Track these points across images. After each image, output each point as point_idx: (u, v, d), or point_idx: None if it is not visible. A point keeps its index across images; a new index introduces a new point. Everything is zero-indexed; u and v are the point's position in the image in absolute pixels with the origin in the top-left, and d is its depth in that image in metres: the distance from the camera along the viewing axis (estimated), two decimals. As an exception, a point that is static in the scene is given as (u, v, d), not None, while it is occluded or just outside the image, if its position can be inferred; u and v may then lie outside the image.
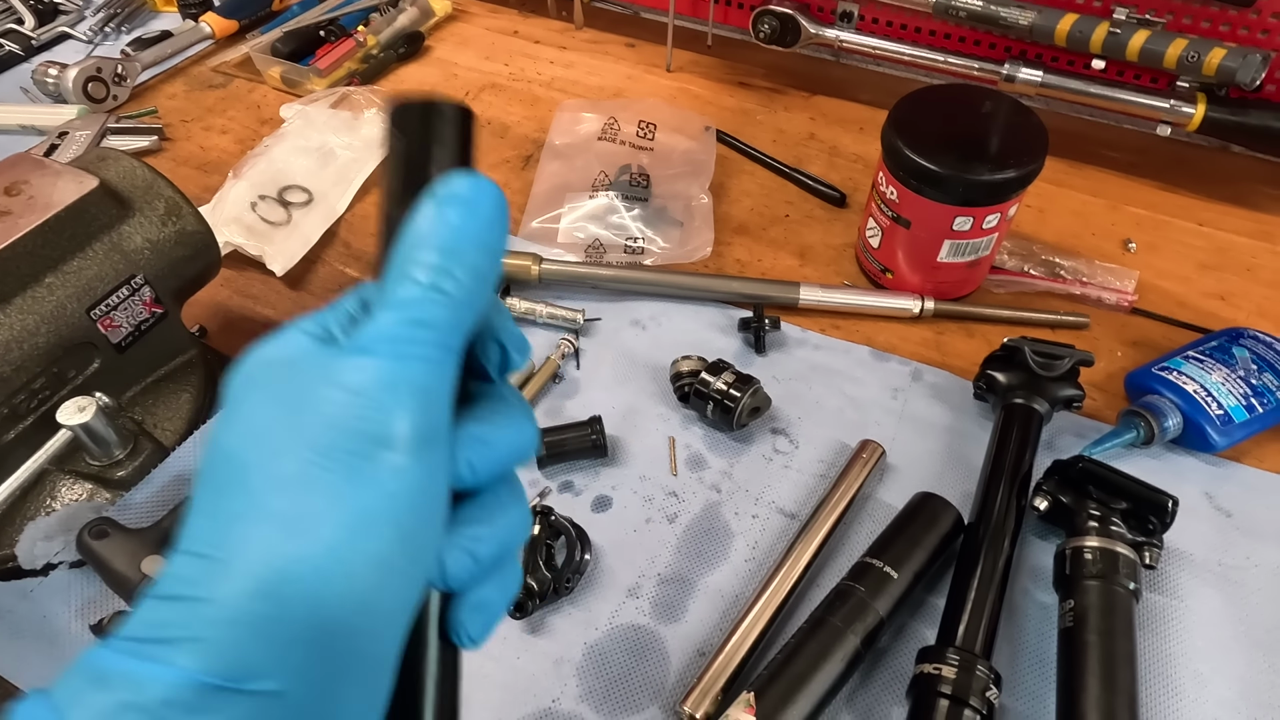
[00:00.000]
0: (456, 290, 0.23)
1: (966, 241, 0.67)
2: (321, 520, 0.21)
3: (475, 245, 0.24)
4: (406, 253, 0.23)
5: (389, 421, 0.22)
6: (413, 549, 0.22)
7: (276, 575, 0.20)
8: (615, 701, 0.50)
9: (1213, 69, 0.74)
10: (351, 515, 0.21)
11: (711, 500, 0.60)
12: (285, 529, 0.21)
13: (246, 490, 0.21)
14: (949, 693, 0.45)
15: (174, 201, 0.58)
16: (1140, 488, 0.53)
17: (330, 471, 0.21)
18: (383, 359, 0.22)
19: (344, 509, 0.21)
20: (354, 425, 0.21)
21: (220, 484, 0.22)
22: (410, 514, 0.22)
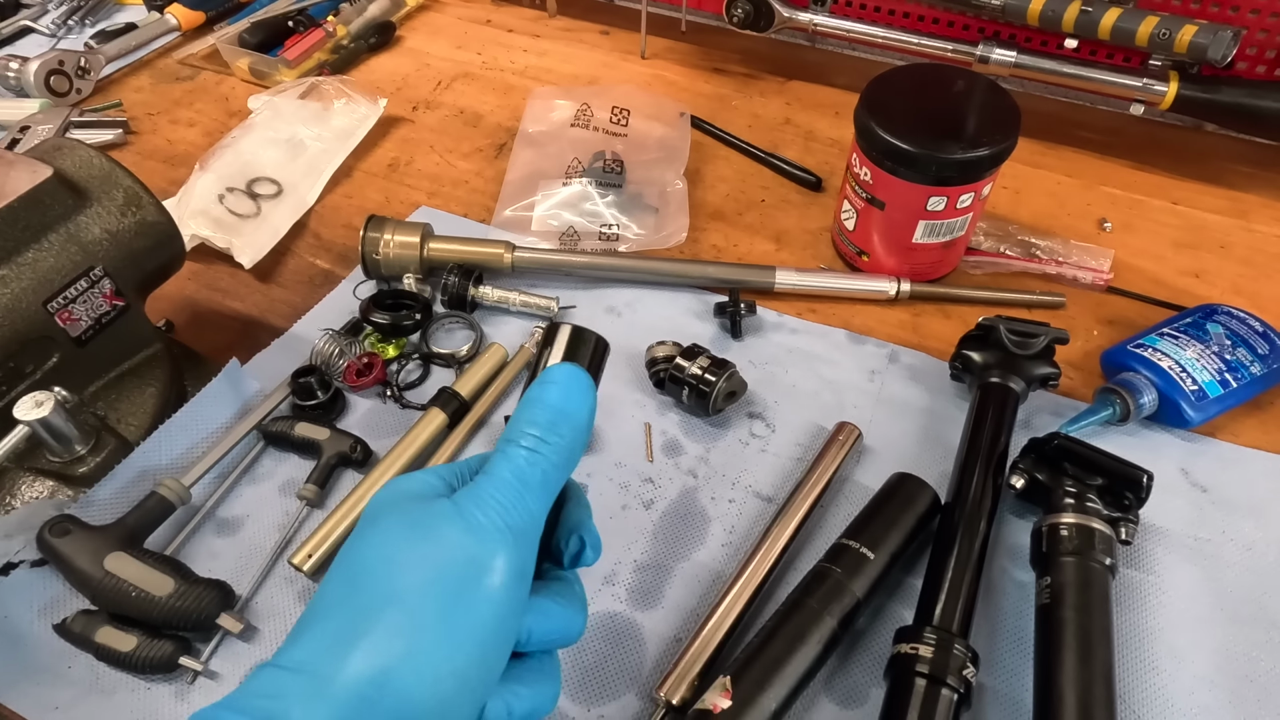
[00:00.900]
0: (550, 453, 0.30)
1: (941, 222, 0.66)
2: (426, 630, 0.26)
3: (566, 420, 0.30)
4: (515, 423, 0.30)
5: (493, 556, 0.28)
6: (485, 669, 0.27)
7: (382, 669, 0.25)
8: (591, 690, 0.49)
9: (1184, 46, 0.74)
10: (449, 629, 0.26)
11: (688, 486, 0.59)
12: (395, 632, 0.26)
13: (370, 593, 0.27)
14: (926, 672, 0.45)
15: (133, 191, 0.57)
16: (1115, 463, 0.53)
17: (440, 597, 0.27)
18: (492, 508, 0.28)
19: (444, 623, 0.26)
20: (466, 555, 0.27)
21: (350, 583, 0.28)
22: (492, 637, 0.27)
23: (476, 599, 0.27)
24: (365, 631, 0.26)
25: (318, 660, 0.26)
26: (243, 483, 0.58)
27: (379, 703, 0.25)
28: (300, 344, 0.67)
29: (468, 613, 0.27)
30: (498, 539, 0.28)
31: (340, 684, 0.25)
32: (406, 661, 0.26)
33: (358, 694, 0.25)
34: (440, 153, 0.88)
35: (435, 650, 0.26)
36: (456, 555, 0.27)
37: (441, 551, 0.27)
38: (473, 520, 0.28)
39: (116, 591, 0.48)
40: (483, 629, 0.27)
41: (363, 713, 0.25)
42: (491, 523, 0.28)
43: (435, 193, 0.84)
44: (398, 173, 0.86)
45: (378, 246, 0.70)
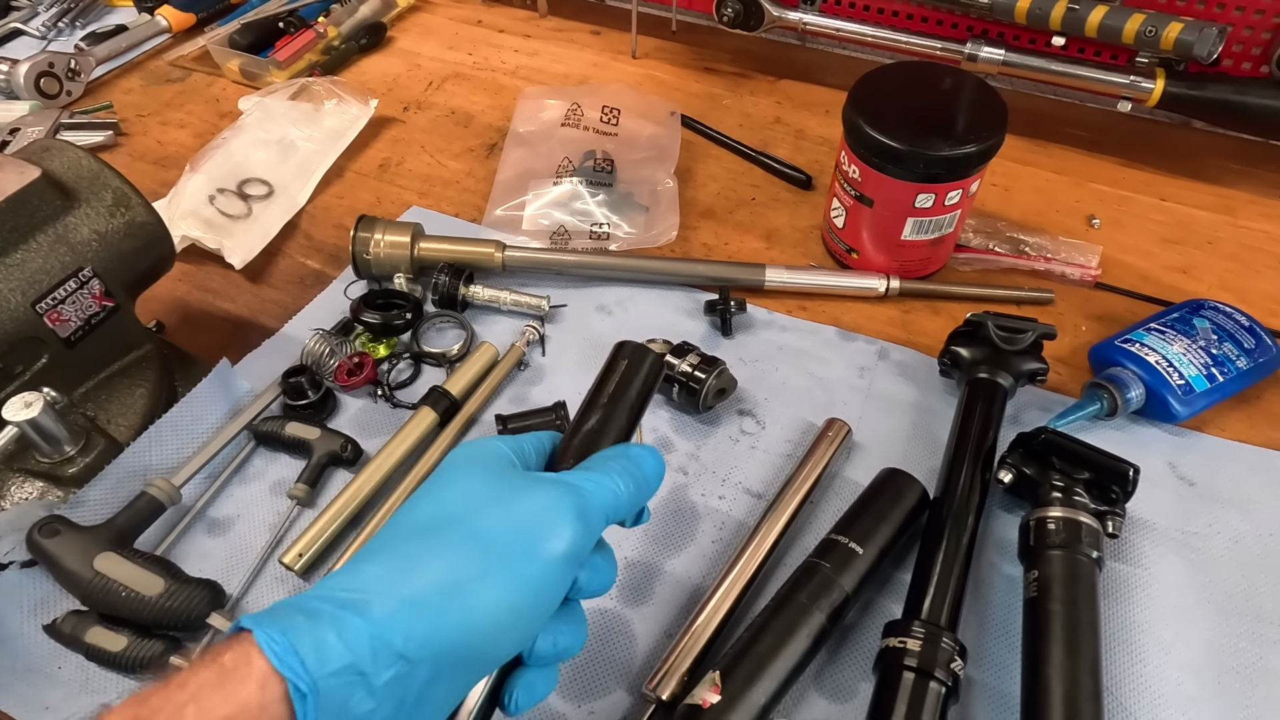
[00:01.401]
0: (630, 493, 0.36)
1: (929, 219, 0.67)
2: (498, 566, 0.31)
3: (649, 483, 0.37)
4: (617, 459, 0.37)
5: (565, 531, 0.32)
6: (537, 611, 0.32)
7: (455, 585, 0.30)
8: (582, 686, 0.49)
9: (1170, 43, 0.74)
10: (517, 571, 0.31)
11: (679, 483, 0.59)
12: (470, 562, 0.31)
13: (450, 528, 0.32)
14: (914, 665, 0.45)
15: (122, 192, 0.57)
16: (1102, 457, 0.53)
17: (515, 543, 0.32)
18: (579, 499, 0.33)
19: (515, 565, 0.31)
20: (545, 520, 0.32)
21: (430, 517, 0.33)
22: (549, 588, 0.32)
23: (544, 554, 0.31)
24: (442, 555, 0.31)
25: (395, 569, 0.30)
26: (233, 482, 0.58)
27: (446, 613, 0.29)
28: (291, 344, 0.67)
29: (534, 563, 0.31)
30: (572, 516, 0.33)
31: (415, 587, 0.29)
32: (475, 587, 0.30)
33: (429, 601, 0.29)
34: (431, 153, 0.88)
35: (501, 585, 0.30)
36: (539, 515, 0.32)
37: (526, 508, 0.32)
38: (555, 493, 0.33)
39: (106, 591, 0.48)
40: (543, 579, 0.31)
41: (430, 618, 0.29)
42: (572, 503, 0.33)
43: (426, 193, 0.84)
44: (389, 173, 0.86)
45: (368, 246, 0.70)
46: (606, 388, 0.40)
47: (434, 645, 0.29)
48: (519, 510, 0.32)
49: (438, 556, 0.31)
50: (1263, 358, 0.63)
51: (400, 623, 0.29)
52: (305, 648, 0.27)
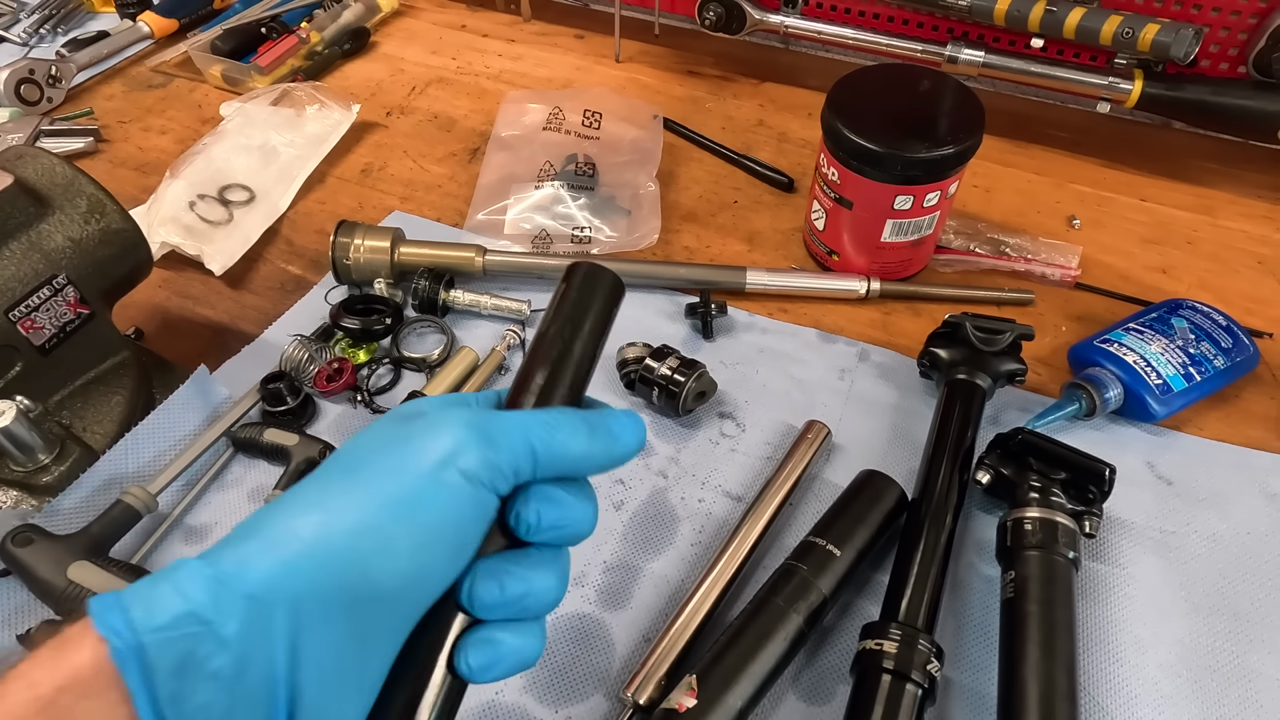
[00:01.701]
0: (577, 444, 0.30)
1: (909, 220, 0.67)
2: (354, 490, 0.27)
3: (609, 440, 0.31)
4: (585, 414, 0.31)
5: (443, 438, 0.28)
6: (414, 541, 0.27)
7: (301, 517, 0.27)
8: (559, 691, 0.49)
9: (1147, 45, 0.74)
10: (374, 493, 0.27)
11: (658, 486, 0.59)
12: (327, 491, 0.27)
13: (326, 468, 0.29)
14: (891, 668, 0.45)
15: (97, 199, 0.57)
16: (1078, 457, 0.53)
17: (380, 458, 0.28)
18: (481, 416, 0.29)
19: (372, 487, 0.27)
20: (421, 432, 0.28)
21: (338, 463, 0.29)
22: (421, 511, 0.27)
23: (413, 465, 0.27)
24: (306, 491, 0.28)
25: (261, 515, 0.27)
26: (211, 490, 0.58)
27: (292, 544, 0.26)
28: (271, 350, 0.66)
29: (399, 475, 0.27)
30: (464, 427, 0.28)
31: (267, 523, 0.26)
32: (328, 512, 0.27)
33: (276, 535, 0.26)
34: (414, 157, 0.88)
35: (356, 504, 0.27)
36: (417, 430, 0.28)
37: (409, 429, 0.28)
38: (452, 415, 0.28)
39: (80, 600, 0.48)
40: (413, 492, 0.27)
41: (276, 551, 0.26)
42: (469, 420, 0.28)
43: (408, 197, 0.84)
44: (371, 178, 0.86)
45: (348, 252, 0.69)
46: (556, 324, 0.33)
47: (288, 582, 0.25)
48: (400, 431, 0.29)
49: (301, 494, 0.28)
50: (1239, 357, 0.63)
51: (245, 560, 0.25)
52: (134, 603, 0.24)
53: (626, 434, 0.31)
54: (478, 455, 0.27)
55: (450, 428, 0.28)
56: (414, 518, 0.27)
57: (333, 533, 0.26)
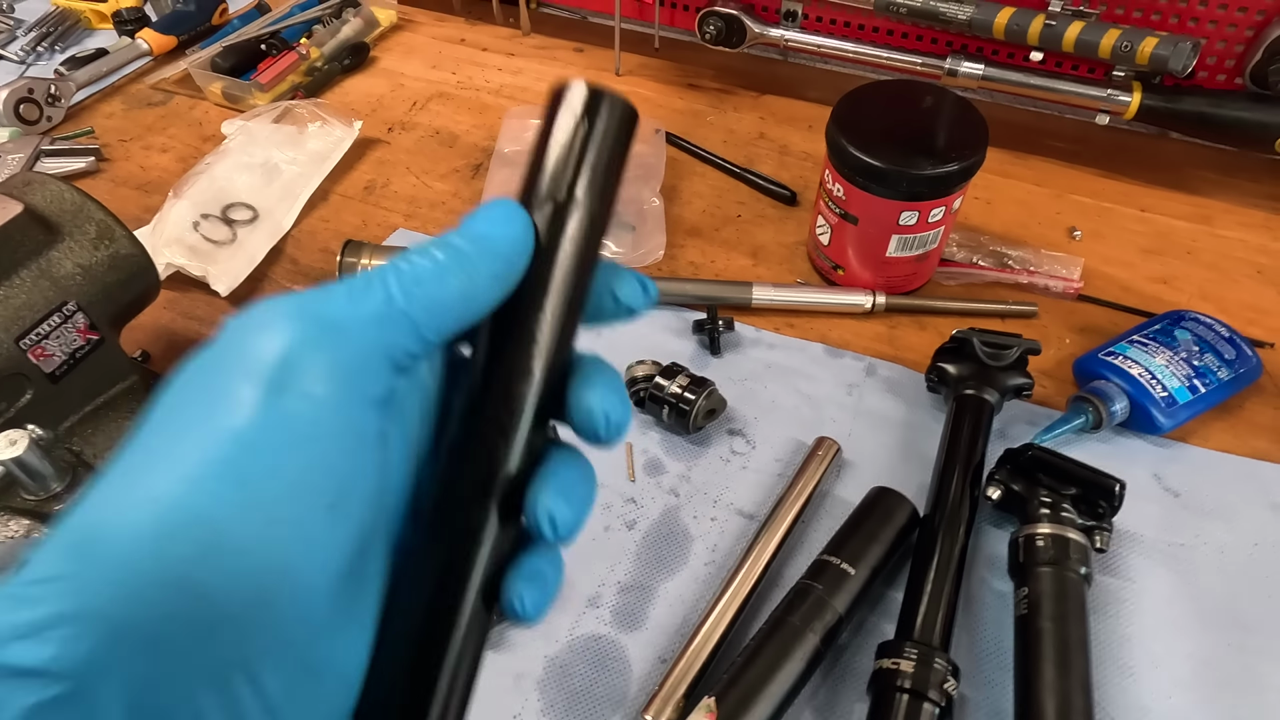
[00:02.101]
0: (428, 263, 0.22)
1: (914, 236, 0.67)
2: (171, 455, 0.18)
3: (465, 236, 0.23)
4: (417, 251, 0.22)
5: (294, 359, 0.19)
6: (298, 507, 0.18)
7: (96, 525, 0.18)
8: (577, 714, 0.49)
9: (1145, 58, 0.75)
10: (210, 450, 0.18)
11: (670, 505, 0.59)
12: (129, 471, 0.18)
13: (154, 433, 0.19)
14: (908, 687, 0.45)
15: (105, 225, 0.57)
16: (1088, 473, 0.54)
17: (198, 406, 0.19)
18: (300, 301, 0.20)
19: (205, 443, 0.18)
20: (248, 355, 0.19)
21: (138, 430, 0.19)
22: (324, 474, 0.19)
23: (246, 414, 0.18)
24: (95, 489, 0.18)
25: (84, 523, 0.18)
26: (223, 514, 0.58)
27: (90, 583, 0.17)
28: (279, 371, 0.66)
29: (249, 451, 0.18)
30: (291, 341, 0.19)
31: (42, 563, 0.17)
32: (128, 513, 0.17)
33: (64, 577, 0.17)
34: (417, 174, 0.88)
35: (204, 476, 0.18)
36: (225, 356, 0.19)
37: (211, 356, 0.19)
38: (263, 317, 0.20)
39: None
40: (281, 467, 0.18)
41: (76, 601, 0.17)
42: (287, 317, 0.19)
43: (412, 214, 0.84)
44: (374, 195, 0.86)
45: (355, 271, 0.69)
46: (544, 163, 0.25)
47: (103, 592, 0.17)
48: (209, 358, 0.19)
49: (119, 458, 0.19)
50: (1243, 368, 0.63)
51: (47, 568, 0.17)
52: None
53: (499, 227, 0.23)
54: (323, 358, 0.19)
55: (269, 330, 0.19)
56: (251, 485, 0.18)
57: (126, 541, 0.17)
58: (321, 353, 0.19)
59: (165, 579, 0.17)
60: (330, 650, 0.20)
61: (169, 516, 0.17)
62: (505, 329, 0.24)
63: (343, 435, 0.20)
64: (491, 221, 0.23)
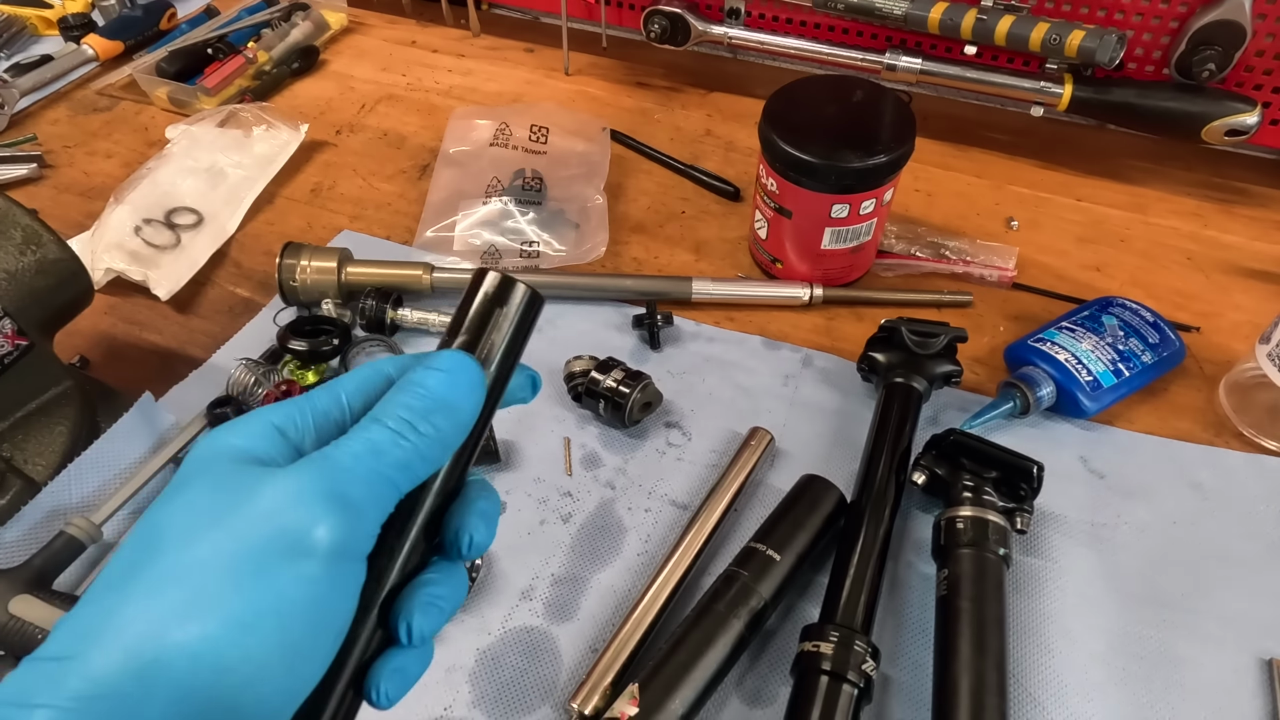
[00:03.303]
0: (418, 442, 0.26)
1: (846, 228, 0.68)
2: (212, 611, 0.22)
3: (444, 411, 0.27)
4: (387, 403, 0.27)
5: (314, 526, 0.23)
6: (302, 653, 0.23)
7: (151, 656, 0.21)
8: (507, 704, 0.50)
9: (1074, 50, 0.77)
10: (245, 612, 0.22)
11: (606, 497, 0.60)
12: (175, 612, 0.22)
13: (156, 566, 0.23)
14: (828, 669, 0.46)
15: (32, 230, 0.57)
16: (1008, 456, 0.55)
17: (239, 563, 0.23)
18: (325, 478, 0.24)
19: (237, 603, 0.22)
20: (278, 526, 0.23)
21: (136, 556, 0.23)
22: (306, 620, 0.23)
23: (283, 576, 0.23)
24: (140, 612, 0.22)
25: (77, 649, 0.21)
26: (158, 517, 0.58)
27: (151, 696, 0.21)
28: (219, 374, 0.66)
29: (268, 592, 0.22)
30: (322, 507, 0.24)
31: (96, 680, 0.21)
32: (183, 649, 0.21)
33: (116, 690, 0.21)
34: (363, 176, 0.89)
35: (221, 635, 0.22)
36: (266, 522, 0.23)
37: (249, 517, 0.23)
38: (294, 483, 0.24)
39: (21, 635, 0.48)
40: (289, 610, 0.23)
41: (133, 709, 0.21)
42: (318, 489, 0.24)
43: (358, 216, 0.84)
44: (320, 197, 0.86)
45: (295, 273, 0.70)
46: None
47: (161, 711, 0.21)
48: (244, 520, 0.23)
49: (133, 618, 0.22)
50: (1166, 352, 0.65)
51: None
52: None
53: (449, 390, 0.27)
54: (339, 529, 0.24)
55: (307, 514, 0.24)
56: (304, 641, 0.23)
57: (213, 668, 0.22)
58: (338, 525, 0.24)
59: (213, 700, 0.22)
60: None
61: (225, 653, 0.22)
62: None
63: (349, 591, 0.25)
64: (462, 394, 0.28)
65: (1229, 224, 0.82)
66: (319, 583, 0.23)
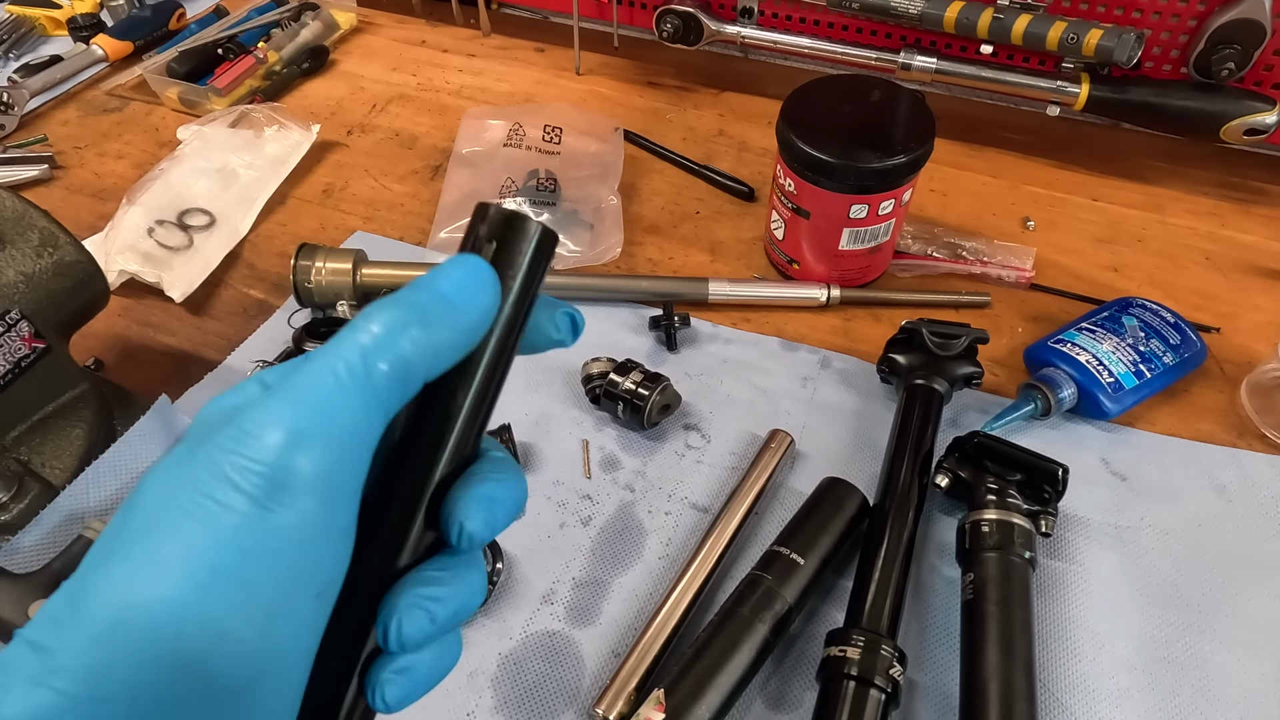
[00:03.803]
0: (407, 344, 0.22)
1: (865, 229, 0.68)
2: (166, 568, 0.20)
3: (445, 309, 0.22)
4: (373, 308, 0.22)
5: (259, 465, 0.20)
6: (275, 611, 0.20)
7: (112, 621, 0.19)
8: (530, 709, 0.49)
9: (1092, 49, 0.76)
10: (198, 566, 0.20)
11: (625, 500, 0.60)
12: (134, 573, 0.20)
13: (125, 530, 0.21)
14: (854, 674, 0.46)
15: (49, 232, 0.56)
16: (1032, 458, 0.55)
17: (195, 512, 0.20)
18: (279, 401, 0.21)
19: (192, 558, 0.20)
20: (227, 466, 0.20)
21: (115, 523, 0.21)
22: (267, 571, 0.20)
23: (232, 520, 0.20)
24: (106, 578, 0.20)
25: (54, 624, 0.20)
26: (175, 521, 0.58)
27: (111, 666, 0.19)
28: (234, 376, 0.66)
29: (222, 541, 0.20)
30: (275, 434, 0.20)
31: (70, 652, 0.19)
32: (141, 610, 0.19)
33: (88, 664, 0.19)
34: (375, 176, 0.88)
35: (176, 594, 0.19)
36: (214, 464, 0.20)
37: (198, 461, 0.20)
38: (246, 415, 0.21)
39: (42, 640, 0.47)
40: (246, 561, 0.20)
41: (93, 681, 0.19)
42: (269, 415, 0.20)
43: (371, 217, 0.84)
44: (332, 198, 0.86)
45: (310, 274, 0.69)
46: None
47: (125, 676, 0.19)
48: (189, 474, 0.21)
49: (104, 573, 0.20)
50: (1188, 353, 0.65)
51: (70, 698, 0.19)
52: None
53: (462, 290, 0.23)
54: (314, 467, 0.20)
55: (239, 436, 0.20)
56: (252, 586, 0.20)
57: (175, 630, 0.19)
58: (314, 462, 0.20)
59: (178, 665, 0.19)
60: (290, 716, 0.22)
61: (184, 615, 0.19)
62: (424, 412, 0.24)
63: (330, 535, 0.21)
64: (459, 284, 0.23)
65: (1247, 224, 0.81)
66: (277, 528, 0.20)
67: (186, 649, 0.19)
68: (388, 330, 0.22)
